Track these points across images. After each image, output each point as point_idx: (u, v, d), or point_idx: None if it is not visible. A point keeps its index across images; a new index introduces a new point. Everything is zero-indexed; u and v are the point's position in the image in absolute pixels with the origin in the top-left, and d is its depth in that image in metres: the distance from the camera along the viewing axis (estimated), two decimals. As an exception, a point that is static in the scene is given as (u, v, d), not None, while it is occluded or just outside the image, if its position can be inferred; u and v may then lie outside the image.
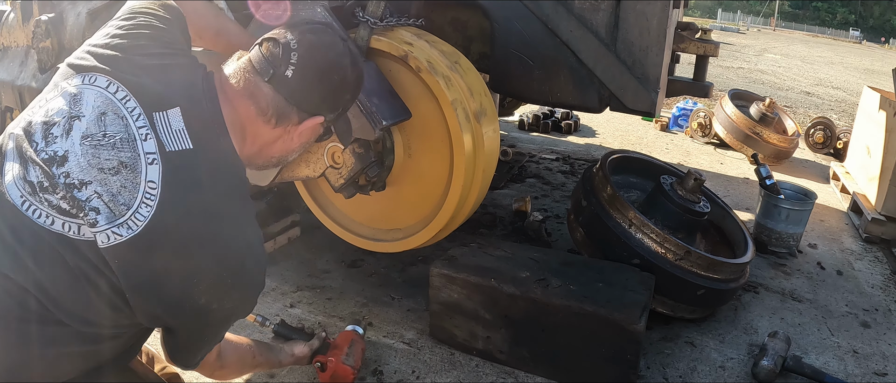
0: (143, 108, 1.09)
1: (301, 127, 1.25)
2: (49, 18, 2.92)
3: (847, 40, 38.99)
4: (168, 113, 1.10)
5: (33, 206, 1.05)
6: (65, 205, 1.05)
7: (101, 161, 1.05)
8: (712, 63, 3.02)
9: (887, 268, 3.26)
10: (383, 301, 2.57)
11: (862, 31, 45.59)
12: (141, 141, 1.07)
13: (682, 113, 6.06)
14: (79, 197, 1.04)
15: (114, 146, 1.06)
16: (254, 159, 1.27)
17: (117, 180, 1.04)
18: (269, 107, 1.19)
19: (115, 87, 1.10)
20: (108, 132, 1.06)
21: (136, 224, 1.03)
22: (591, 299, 2.07)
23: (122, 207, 1.03)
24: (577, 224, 2.65)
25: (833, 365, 2.36)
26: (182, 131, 1.09)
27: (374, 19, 2.07)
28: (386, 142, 2.19)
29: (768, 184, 3.28)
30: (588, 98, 2.34)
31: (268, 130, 1.22)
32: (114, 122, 1.07)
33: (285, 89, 1.19)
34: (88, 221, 1.04)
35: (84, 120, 1.07)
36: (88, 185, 1.04)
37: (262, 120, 1.20)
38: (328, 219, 2.48)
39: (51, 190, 1.05)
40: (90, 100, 1.09)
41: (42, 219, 1.05)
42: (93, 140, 1.06)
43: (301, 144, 1.31)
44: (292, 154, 1.33)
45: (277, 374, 2.10)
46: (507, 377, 2.16)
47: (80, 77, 1.12)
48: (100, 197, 1.04)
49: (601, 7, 2.24)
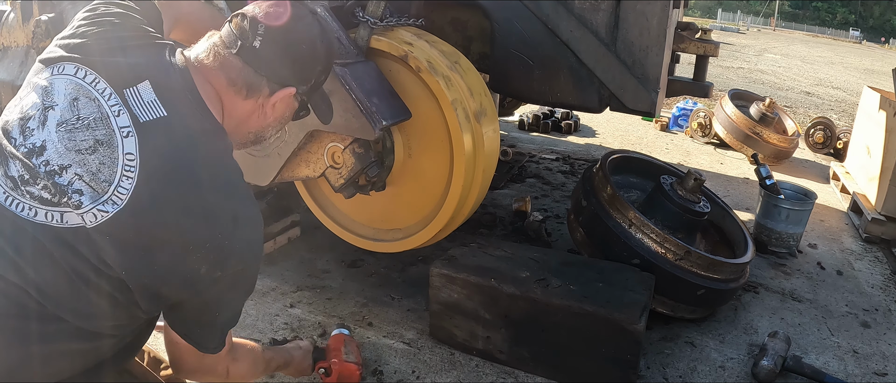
0: (113, 88, 1.10)
1: (273, 98, 1.25)
2: (49, 18, 2.92)
3: (847, 40, 38.99)
4: (138, 87, 1.10)
5: (16, 201, 1.06)
6: (46, 194, 1.05)
7: (78, 143, 1.06)
8: (712, 63, 3.02)
9: (887, 268, 3.26)
10: (383, 301, 2.57)
11: (862, 31, 45.60)
12: (114, 117, 1.07)
13: (682, 113, 6.06)
14: (60, 182, 1.04)
15: (88, 126, 1.07)
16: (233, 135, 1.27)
17: (95, 158, 1.05)
18: (239, 78, 1.20)
19: (84, 72, 1.11)
20: (82, 115, 1.07)
21: (120, 198, 1.04)
22: (591, 299, 2.07)
23: (104, 184, 1.04)
24: (577, 224, 2.65)
25: (833, 365, 2.36)
26: (154, 102, 1.10)
27: (374, 19, 2.07)
28: (386, 142, 2.19)
29: (768, 184, 3.28)
30: (588, 98, 2.35)
31: (240, 102, 1.23)
32: (86, 106, 1.08)
33: (254, 60, 1.20)
34: (73, 204, 1.04)
35: (57, 108, 1.08)
36: (68, 169, 1.05)
37: (233, 90, 1.21)
38: (328, 219, 2.48)
39: (32, 181, 1.06)
40: (61, 89, 1.10)
41: (25, 212, 1.05)
42: (67, 125, 1.07)
43: (276, 119, 1.31)
44: (269, 129, 1.32)
45: (277, 374, 2.10)
46: (507, 377, 2.16)
47: (49, 69, 1.13)
48: (80, 178, 1.04)
49: (601, 7, 2.24)
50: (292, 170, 2.16)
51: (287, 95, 1.27)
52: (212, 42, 1.23)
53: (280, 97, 1.26)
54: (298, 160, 2.14)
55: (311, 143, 2.10)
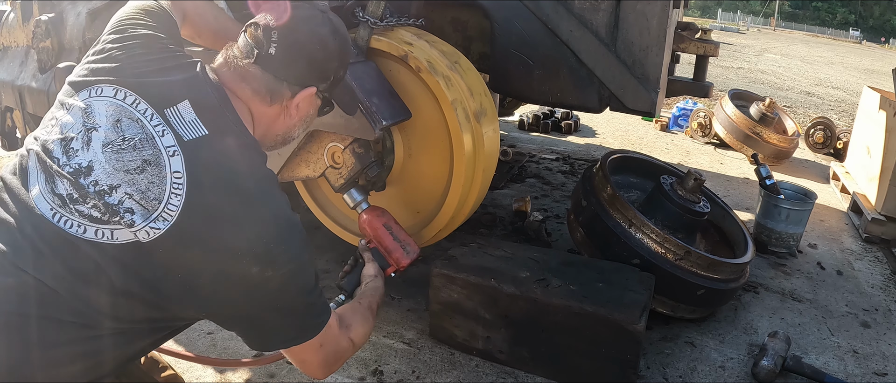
0: (154, 108, 1.13)
1: (296, 99, 1.30)
2: (49, 18, 2.92)
3: (847, 40, 38.99)
4: (178, 106, 1.14)
5: (65, 217, 1.08)
6: (96, 213, 1.08)
7: (126, 163, 1.09)
8: (712, 63, 3.02)
9: (887, 268, 3.27)
10: (383, 301, 2.57)
11: (862, 31, 45.60)
12: (159, 137, 1.11)
13: (682, 113, 6.06)
14: (110, 201, 1.08)
15: (135, 147, 1.10)
16: (263, 141, 1.33)
17: (144, 178, 1.09)
18: (262, 86, 1.25)
19: (123, 94, 1.14)
20: (127, 136, 1.11)
21: (170, 214, 1.08)
22: (591, 299, 2.07)
23: (155, 202, 1.08)
24: (577, 224, 2.65)
25: (833, 365, 2.36)
26: (195, 121, 1.14)
27: (374, 19, 2.07)
28: (386, 142, 2.19)
29: (768, 184, 3.28)
30: (588, 98, 2.35)
31: (266, 109, 1.28)
32: (130, 126, 1.12)
33: (272, 67, 1.24)
34: (126, 223, 1.07)
35: (101, 129, 1.12)
36: (118, 189, 1.08)
37: (257, 99, 1.26)
38: (328, 219, 2.49)
39: (81, 200, 1.08)
40: (102, 111, 1.13)
41: (74, 228, 1.07)
42: (113, 146, 1.10)
43: (301, 118, 1.36)
44: (296, 129, 1.38)
45: (277, 374, 2.10)
46: (507, 377, 2.16)
47: (85, 91, 1.16)
48: (131, 197, 1.08)
49: (601, 7, 2.24)
50: (292, 171, 2.16)
51: (309, 95, 1.31)
52: (229, 55, 1.27)
53: (302, 97, 1.30)
54: (298, 160, 2.14)
55: (311, 143, 2.10)
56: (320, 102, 1.39)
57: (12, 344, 1.04)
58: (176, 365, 2.00)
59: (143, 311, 1.12)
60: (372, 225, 1.92)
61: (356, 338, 1.40)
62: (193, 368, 2.12)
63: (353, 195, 2.06)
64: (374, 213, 1.94)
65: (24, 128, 3.29)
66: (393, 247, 1.88)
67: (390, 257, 1.88)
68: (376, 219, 1.92)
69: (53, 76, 2.89)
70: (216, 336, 2.31)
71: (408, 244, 1.90)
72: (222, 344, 2.27)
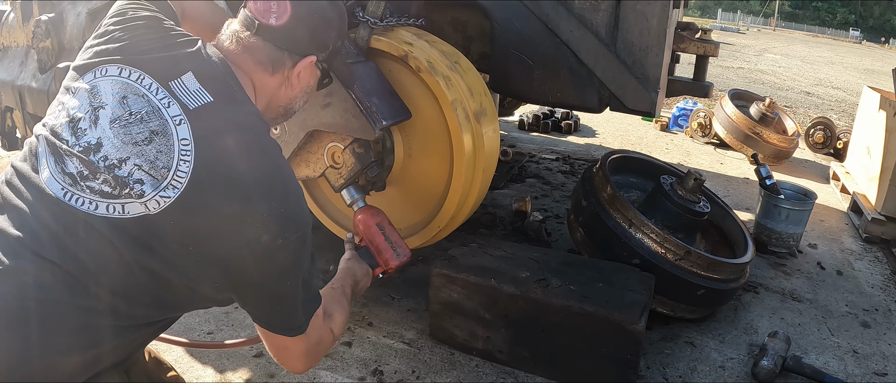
0: (158, 82, 1.15)
1: (296, 69, 1.32)
2: (49, 18, 2.92)
3: (847, 40, 38.99)
4: (182, 78, 1.16)
5: (76, 195, 1.09)
6: (107, 187, 1.09)
7: (134, 136, 1.11)
8: (712, 63, 3.02)
9: (887, 268, 3.26)
10: (383, 301, 2.57)
11: (862, 31, 45.59)
12: (165, 109, 1.13)
13: (682, 113, 6.06)
14: (120, 174, 1.09)
15: (142, 120, 1.12)
16: (266, 114, 1.34)
17: (152, 148, 1.10)
18: (263, 56, 1.28)
19: (128, 71, 1.16)
20: (133, 110, 1.12)
21: (180, 181, 1.08)
22: (590, 299, 2.07)
23: (164, 170, 1.09)
24: (577, 224, 2.65)
25: (833, 365, 2.36)
26: (200, 90, 1.16)
27: (374, 19, 2.07)
28: (386, 142, 2.19)
29: (768, 184, 3.28)
30: (588, 98, 2.35)
31: (268, 79, 1.30)
32: (136, 101, 1.13)
33: (272, 36, 1.27)
34: (135, 194, 1.08)
35: (108, 107, 1.13)
36: (127, 161, 1.09)
37: (260, 69, 1.28)
38: (328, 219, 2.49)
39: (92, 176, 1.09)
40: (108, 89, 1.14)
41: (85, 205, 1.08)
42: (121, 121, 1.12)
43: (302, 89, 1.38)
44: (297, 100, 1.39)
45: (277, 374, 2.10)
46: (507, 377, 2.16)
47: (90, 74, 1.17)
48: (140, 168, 1.09)
49: (601, 7, 2.24)
50: (292, 170, 2.16)
51: (309, 64, 1.33)
52: (231, 30, 1.30)
53: (302, 66, 1.32)
54: (298, 160, 2.14)
55: (311, 143, 2.10)
56: (320, 73, 1.41)
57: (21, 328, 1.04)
58: (176, 365, 2.01)
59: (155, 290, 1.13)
60: (365, 223, 1.90)
61: (336, 329, 1.38)
62: (193, 368, 2.12)
63: (351, 192, 2.06)
64: (369, 213, 1.92)
65: (24, 128, 3.29)
66: (383, 248, 1.86)
67: (380, 257, 1.86)
68: (370, 218, 1.90)
69: (53, 76, 2.89)
70: (216, 336, 2.31)
71: (399, 246, 1.87)
72: (222, 344, 2.27)
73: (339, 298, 1.49)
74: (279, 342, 1.27)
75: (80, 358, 1.10)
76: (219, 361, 2.15)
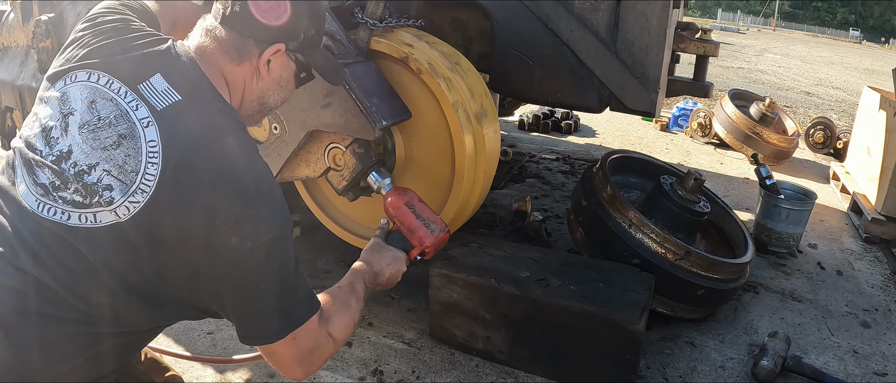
0: (127, 86, 1.13)
1: (264, 56, 1.26)
2: (49, 18, 2.92)
3: (847, 40, 38.97)
4: (151, 80, 1.14)
5: (49, 206, 1.08)
6: (78, 197, 1.08)
7: (102, 140, 1.09)
8: (712, 63, 3.02)
9: (887, 268, 3.26)
10: (383, 301, 2.57)
11: (862, 31, 45.57)
12: (133, 111, 1.11)
13: (682, 113, 6.06)
14: (89, 181, 1.07)
15: (110, 124, 1.10)
16: (242, 111, 1.30)
17: (120, 152, 1.09)
18: (229, 45, 1.24)
19: (97, 76, 1.15)
20: (102, 115, 1.11)
21: (148, 185, 1.07)
22: (591, 299, 2.07)
23: (132, 174, 1.07)
24: (577, 224, 2.65)
25: (833, 365, 2.36)
26: (168, 90, 1.14)
27: (374, 20, 2.07)
28: (387, 143, 2.19)
29: (768, 184, 3.28)
30: (588, 98, 2.35)
31: (236, 69, 1.26)
32: (104, 106, 1.12)
33: (237, 24, 1.23)
34: (105, 201, 1.07)
35: (77, 113, 1.12)
36: (96, 167, 1.08)
37: (227, 59, 1.24)
38: (328, 220, 2.49)
39: (63, 186, 1.09)
40: (76, 95, 1.14)
41: (57, 216, 1.08)
42: (89, 126, 1.10)
43: (274, 80, 1.32)
44: (270, 94, 1.33)
45: (277, 374, 2.10)
46: (507, 377, 2.16)
47: (61, 81, 1.16)
48: (109, 173, 1.08)
49: (601, 7, 2.24)
50: (292, 171, 2.16)
51: (277, 51, 1.28)
52: (202, 24, 1.27)
53: (270, 54, 1.27)
54: (298, 160, 2.14)
55: (311, 143, 2.10)
56: (294, 66, 1.34)
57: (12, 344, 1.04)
58: (176, 365, 2.01)
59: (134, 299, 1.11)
60: (394, 205, 1.75)
61: (336, 332, 1.28)
62: (193, 368, 2.12)
63: (375, 177, 1.98)
64: (397, 193, 1.78)
65: (23, 129, 3.28)
66: (416, 227, 1.70)
67: (413, 237, 1.70)
68: (398, 199, 1.75)
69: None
70: (216, 336, 2.31)
71: (433, 222, 1.71)
72: (222, 344, 2.27)
73: (345, 298, 1.39)
74: (266, 350, 1.21)
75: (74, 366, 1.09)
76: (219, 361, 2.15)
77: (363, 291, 1.46)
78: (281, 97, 1.37)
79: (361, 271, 1.53)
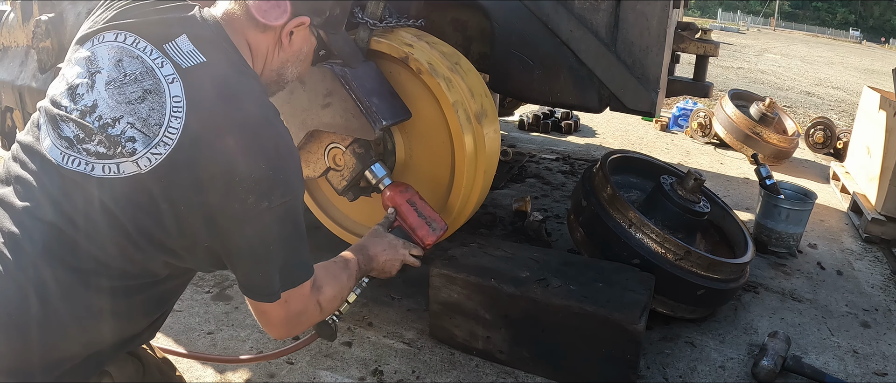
0: (153, 45, 1.16)
1: (288, 27, 1.30)
2: (49, 18, 2.92)
3: (847, 40, 38.97)
4: (176, 40, 1.17)
5: (73, 158, 1.11)
6: (102, 148, 1.11)
7: (127, 95, 1.12)
8: (712, 63, 3.02)
9: (887, 268, 3.27)
10: (383, 301, 2.57)
11: (862, 31, 45.57)
12: (158, 69, 1.14)
13: (682, 113, 6.06)
14: (113, 133, 1.10)
15: (136, 80, 1.13)
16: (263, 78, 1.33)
17: (145, 106, 1.11)
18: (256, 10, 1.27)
19: (124, 36, 1.17)
20: (128, 72, 1.14)
21: (171, 138, 1.09)
22: (591, 299, 2.07)
23: (155, 127, 1.10)
24: (577, 224, 2.65)
25: (833, 365, 2.36)
26: (193, 51, 1.17)
27: (374, 20, 2.07)
28: (387, 143, 2.19)
29: (768, 184, 3.28)
30: (588, 98, 2.35)
31: (261, 36, 1.28)
32: (130, 63, 1.15)
33: None
34: (127, 152, 1.09)
35: (104, 71, 1.15)
36: (120, 120, 1.11)
37: (252, 25, 1.27)
38: (328, 220, 2.48)
39: (87, 139, 1.12)
40: (104, 54, 1.16)
41: (82, 167, 1.11)
42: (116, 83, 1.13)
43: (294, 53, 1.35)
44: (289, 66, 1.37)
45: (277, 374, 2.10)
46: (507, 377, 2.16)
47: (89, 42, 1.19)
48: (133, 125, 1.10)
49: (601, 7, 2.24)
50: (292, 171, 2.15)
51: (301, 24, 1.31)
52: None
53: (294, 25, 1.30)
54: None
55: (311, 144, 2.10)
56: (315, 42, 1.38)
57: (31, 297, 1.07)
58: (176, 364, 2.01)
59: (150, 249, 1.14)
60: (394, 202, 1.78)
61: (324, 301, 1.36)
62: (193, 368, 2.12)
63: (375, 171, 1.99)
64: (397, 189, 1.81)
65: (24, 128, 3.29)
66: (417, 225, 1.73)
67: (415, 235, 1.74)
68: (399, 196, 1.78)
69: (53, 76, 2.89)
70: (216, 336, 2.31)
71: (433, 220, 1.75)
72: (223, 344, 2.27)
73: (337, 272, 1.47)
74: (258, 307, 1.26)
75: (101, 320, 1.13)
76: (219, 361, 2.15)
77: (356, 270, 1.55)
78: (298, 71, 1.41)
79: (357, 250, 1.62)
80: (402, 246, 1.73)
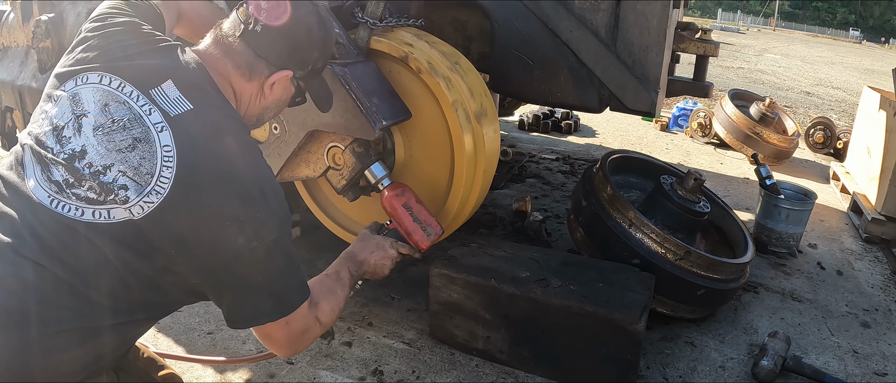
0: (139, 90, 1.17)
1: (271, 79, 1.34)
2: (49, 18, 2.92)
3: (847, 40, 38.97)
4: (162, 86, 1.19)
5: (62, 202, 1.12)
6: (92, 194, 1.12)
7: (117, 143, 1.14)
8: (712, 63, 3.02)
9: (887, 268, 3.26)
10: (383, 301, 2.57)
11: (862, 31, 45.58)
12: (147, 116, 1.16)
13: (682, 113, 6.06)
14: (105, 180, 1.12)
15: (124, 127, 1.14)
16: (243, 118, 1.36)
17: (136, 155, 1.13)
18: (242, 60, 1.30)
19: (108, 79, 1.18)
20: (116, 118, 1.15)
21: (163, 187, 1.12)
22: (591, 299, 2.07)
23: (147, 176, 1.12)
24: (577, 224, 2.65)
25: (833, 365, 2.36)
26: (180, 97, 1.19)
27: (374, 20, 2.07)
28: (386, 143, 2.19)
29: (768, 184, 3.28)
30: (588, 98, 2.35)
31: (246, 84, 1.32)
32: (118, 109, 1.16)
33: (254, 42, 1.29)
34: (120, 200, 1.11)
35: (91, 115, 1.15)
36: (111, 168, 1.12)
37: (238, 73, 1.31)
38: (328, 220, 2.49)
39: (77, 184, 1.13)
40: (89, 97, 1.17)
41: (72, 212, 1.12)
42: (104, 129, 1.14)
43: (274, 101, 1.39)
44: (268, 111, 1.41)
45: (277, 374, 2.10)
46: (507, 377, 2.16)
47: (71, 81, 1.20)
48: (124, 174, 1.12)
49: (601, 7, 2.24)
50: (292, 170, 2.16)
51: (284, 78, 1.35)
52: (217, 33, 1.32)
53: (277, 78, 1.34)
54: (298, 160, 2.14)
55: (311, 143, 2.10)
56: (293, 90, 1.42)
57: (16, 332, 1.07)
58: (175, 365, 2.01)
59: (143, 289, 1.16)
60: (391, 204, 1.80)
61: (322, 317, 1.40)
62: (193, 368, 2.12)
63: (374, 171, 2.00)
64: (394, 193, 1.83)
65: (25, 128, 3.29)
66: (412, 229, 1.77)
67: (410, 239, 1.77)
68: (395, 200, 1.81)
69: (53, 76, 2.88)
70: (216, 336, 2.31)
71: (429, 225, 1.78)
72: (222, 344, 2.27)
73: (331, 285, 1.52)
74: (262, 331, 1.30)
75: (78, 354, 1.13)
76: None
77: (348, 279, 1.60)
78: (274, 115, 1.46)
79: (346, 259, 1.67)
80: (390, 244, 1.78)
